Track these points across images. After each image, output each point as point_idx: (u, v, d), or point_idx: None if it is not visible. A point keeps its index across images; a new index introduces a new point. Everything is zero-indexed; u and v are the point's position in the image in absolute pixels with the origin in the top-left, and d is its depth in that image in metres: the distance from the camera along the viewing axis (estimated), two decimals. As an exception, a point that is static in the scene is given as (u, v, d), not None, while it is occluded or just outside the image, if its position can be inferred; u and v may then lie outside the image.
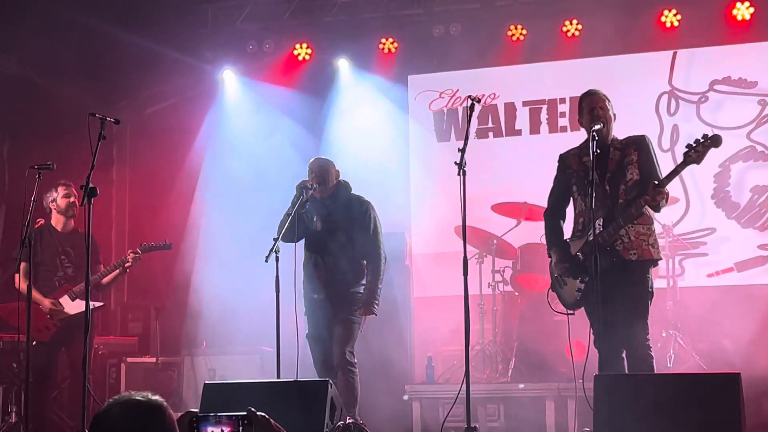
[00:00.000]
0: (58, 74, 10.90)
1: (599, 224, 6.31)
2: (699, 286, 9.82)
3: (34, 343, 8.20)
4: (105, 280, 8.30)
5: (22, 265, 8.18)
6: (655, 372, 6.51)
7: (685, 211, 10.07)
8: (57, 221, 8.33)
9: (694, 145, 6.16)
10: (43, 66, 10.69)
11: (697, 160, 6.17)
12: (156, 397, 2.78)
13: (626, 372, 6.34)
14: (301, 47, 11.29)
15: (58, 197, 8.28)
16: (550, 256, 6.77)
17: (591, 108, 6.57)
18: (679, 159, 6.38)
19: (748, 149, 10.05)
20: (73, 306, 8.11)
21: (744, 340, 8.77)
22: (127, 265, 8.20)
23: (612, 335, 6.19)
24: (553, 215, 6.85)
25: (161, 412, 2.72)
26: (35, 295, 8.07)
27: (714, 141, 6.13)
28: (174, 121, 11.48)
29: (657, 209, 6.45)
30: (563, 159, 6.81)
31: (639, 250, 6.37)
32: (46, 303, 8.13)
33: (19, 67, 10.51)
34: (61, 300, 8.14)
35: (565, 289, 6.65)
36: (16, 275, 8.18)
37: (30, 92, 10.60)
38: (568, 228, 6.83)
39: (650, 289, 6.42)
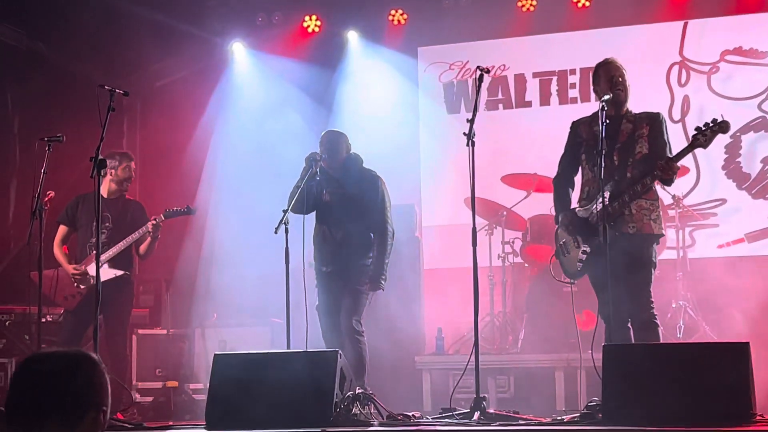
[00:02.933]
0: (68, 47, 10.91)
1: (605, 196, 6.31)
2: (709, 257, 9.81)
3: (62, 311, 8.26)
4: (141, 248, 8.21)
5: (60, 229, 8.22)
6: (662, 339, 6.54)
7: (696, 181, 10.05)
8: (105, 188, 8.09)
9: (703, 128, 6.21)
10: (53, 39, 10.71)
11: (705, 144, 6.26)
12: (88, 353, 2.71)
13: (633, 341, 6.37)
14: (310, 19, 11.26)
15: (119, 167, 8.18)
16: (557, 222, 6.80)
17: (610, 76, 6.59)
18: (690, 130, 6.42)
19: (759, 120, 10.01)
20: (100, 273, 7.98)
21: (753, 310, 8.76)
22: (147, 231, 8.06)
23: (616, 305, 6.21)
24: (561, 181, 6.88)
25: (89, 362, 2.65)
26: (60, 259, 8.13)
27: (722, 127, 6.20)
28: (184, 93, 11.48)
29: (669, 183, 6.48)
30: (575, 126, 6.85)
31: (639, 224, 6.41)
32: (69, 269, 8.04)
33: (28, 41, 10.52)
34: (88, 267, 7.92)
35: (567, 257, 6.69)
36: (55, 239, 8.20)
37: (39, 65, 10.62)
38: (576, 197, 6.85)
39: (653, 259, 6.46)
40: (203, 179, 11.02)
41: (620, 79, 6.59)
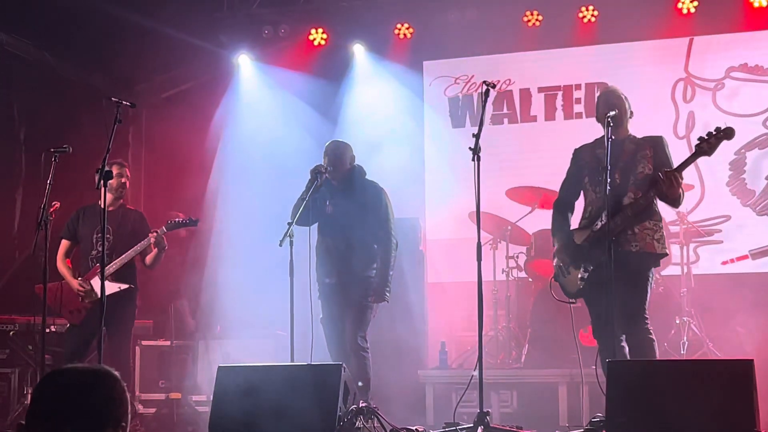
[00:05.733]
0: (74, 59, 10.94)
1: (605, 215, 6.31)
2: (713, 273, 9.81)
3: (67, 324, 8.23)
4: (148, 259, 8.14)
5: (63, 243, 8.19)
6: (659, 355, 6.53)
7: (701, 198, 10.05)
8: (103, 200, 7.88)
9: (706, 137, 6.18)
10: (60, 51, 10.73)
11: (709, 151, 6.20)
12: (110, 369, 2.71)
13: (627, 357, 6.36)
14: (316, 32, 11.29)
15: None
16: (554, 245, 6.81)
17: (606, 100, 6.60)
18: (695, 147, 6.38)
19: (764, 137, 10.02)
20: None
21: (757, 327, 8.75)
22: (150, 243, 7.98)
23: (611, 323, 6.21)
24: (561, 206, 6.90)
25: (110, 378, 2.66)
26: (64, 273, 8.09)
27: (726, 133, 6.15)
28: (189, 105, 11.50)
29: (675, 202, 6.43)
30: (577, 152, 6.89)
31: (642, 243, 6.39)
32: (74, 284, 7.94)
33: (35, 51, 10.55)
34: (92, 281, 7.86)
35: (567, 278, 6.68)
36: (58, 254, 8.13)
37: (46, 77, 10.64)
38: (576, 220, 6.85)
39: (650, 280, 6.44)
40: (209, 191, 11.03)
41: (617, 101, 6.58)
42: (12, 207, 10.40)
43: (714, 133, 6.16)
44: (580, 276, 6.58)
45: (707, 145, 6.17)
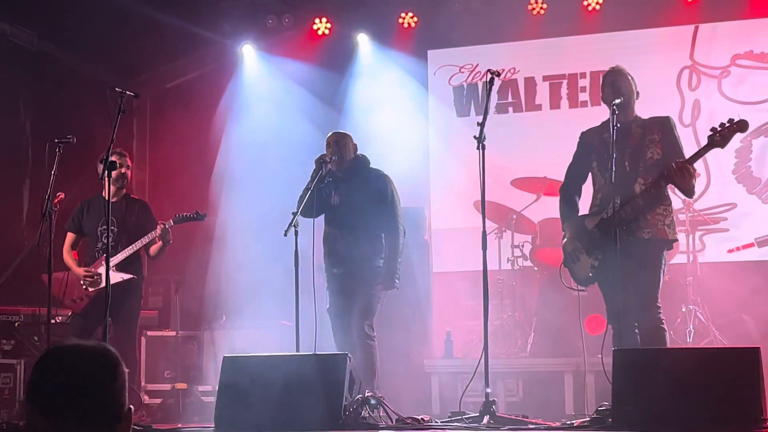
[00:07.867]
0: (79, 49, 10.93)
1: (617, 201, 6.29)
2: (719, 261, 9.77)
3: (69, 314, 8.25)
4: (152, 250, 8.14)
5: (68, 236, 8.20)
6: (670, 343, 6.52)
7: (706, 186, 10.02)
8: (106, 191, 7.67)
9: (719, 128, 6.14)
10: (64, 41, 10.72)
11: (722, 143, 6.17)
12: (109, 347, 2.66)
13: (639, 345, 6.34)
14: (320, 22, 11.26)
15: None
16: (564, 230, 6.78)
17: (616, 87, 6.56)
18: (701, 134, 6.40)
19: (770, 124, 10.00)
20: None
21: (764, 315, 8.74)
22: (156, 236, 7.98)
23: (625, 310, 6.20)
24: (568, 191, 6.86)
25: (116, 361, 2.61)
26: (70, 264, 8.11)
27: (740, 126, 6.11)
28: (194, 95, 11.50)
29: (688, 192, 6.43)
30: (584, 136, 6.84)
31: (653, 229, 6.37)
32: (80, 272, 7.97)
33: (39, 43, 10.54)
34: (98, 270, 7.85)
35: (578, 264, 6.66)
36: (64, 246, 8.13)
37: (51, 67, 10.64)
38: (585, 205, 6.82)
39: (663, 265, 6.42)
40: (213, 181, 11.03)
41: (623, 84, 6.56)
42: (19, 198, 10.40)
43: (727, 124, 6.12)
44: (591, 264, 6.56)
45: (720, 137, 6.14)
